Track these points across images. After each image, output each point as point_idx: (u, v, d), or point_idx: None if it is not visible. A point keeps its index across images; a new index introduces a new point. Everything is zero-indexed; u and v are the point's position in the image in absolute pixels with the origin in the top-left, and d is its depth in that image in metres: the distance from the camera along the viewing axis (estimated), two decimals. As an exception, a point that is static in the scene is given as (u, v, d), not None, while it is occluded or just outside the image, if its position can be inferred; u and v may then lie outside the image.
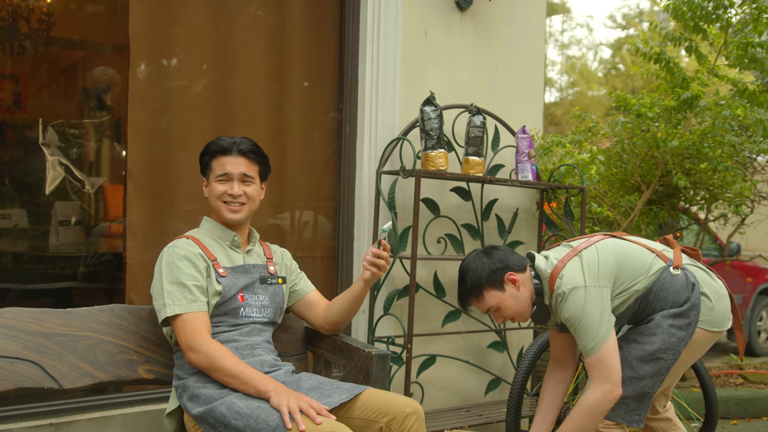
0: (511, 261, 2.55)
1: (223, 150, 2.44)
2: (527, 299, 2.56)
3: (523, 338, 4.15)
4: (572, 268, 2.48)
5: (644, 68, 5.09)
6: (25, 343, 2.20)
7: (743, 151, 4.89)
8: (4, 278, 3.55)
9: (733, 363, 6.42)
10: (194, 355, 2.21)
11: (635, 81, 17.08)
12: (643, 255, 2.57)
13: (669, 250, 2.64)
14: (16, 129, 4.18)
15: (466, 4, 3.86)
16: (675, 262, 2.56)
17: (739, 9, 4.63)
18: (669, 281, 2.53)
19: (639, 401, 2.53)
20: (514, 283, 2.53)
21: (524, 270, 2.57)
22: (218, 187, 2.44)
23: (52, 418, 2.75)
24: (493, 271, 2.52)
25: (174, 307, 2.24)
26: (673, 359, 2.52)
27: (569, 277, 2.46)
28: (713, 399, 3.71)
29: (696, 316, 2.51)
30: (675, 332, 2.50)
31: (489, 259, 2.55)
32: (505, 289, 2.53)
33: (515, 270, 2.54)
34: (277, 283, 2.50)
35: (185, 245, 2.35)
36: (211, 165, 2.46)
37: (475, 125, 3.58)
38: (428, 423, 3.32)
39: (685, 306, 2.51)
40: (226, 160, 2.44)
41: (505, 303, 2.53)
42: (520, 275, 2.54)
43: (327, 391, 2.26)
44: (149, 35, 3.12)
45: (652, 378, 2.51)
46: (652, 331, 2.52)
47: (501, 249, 2.61)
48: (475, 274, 2.53)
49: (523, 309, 2.56)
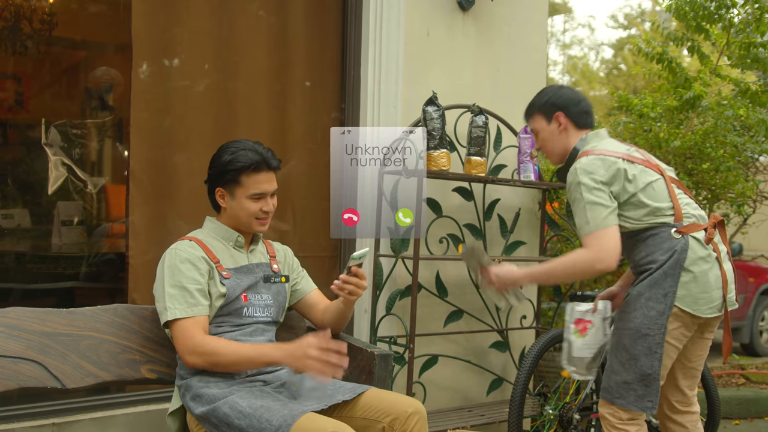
0: (572, 111, 2.69)
1: (256, 166, 2.33)
2: (561, 147, 2.72)
3: (525, 338, 4.15)
4: (597, 158, 2.54)
5: (646, 68, 5.10)
6: (28, 343, 2.20)
7: (745, 151, 4.89)
8: (7, 278, 3.55)
9: (735, 363, 6.42)
10: (192, 358, 2.21)
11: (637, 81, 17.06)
12: (666, 204, 2.55)
13: (694, 217, 2.57)
14: (18, 129, 4.19)
15: (468, 4, 3.86)
16: (684, 228, 2.52)
17: (742, 9, 4.63)
18: (664, 237, 2.52)
19: (646, 385, 2.50)
20: (560, 125, 2.70)
21: (579, 128, 2.70)
22: (252, 205, 2.36)
23: (55, 417, 2.75)
24: (551, 104, 2.71)
25: (175, 311, 2.23)
26: (660, 334, 2.47)
27: (589, 161, 2.53)
28: (715, 399, 3.71)
29: (672, 288, 2.47)
30: (653, 305, 2.48)
31: (560, 94, 2.73)
32: (551, 123, 2.71)
33: (571, 119, 2.69)
34: (280, 282, 2.50)
35: (188, 248, 2.33)
36: (241, 181, 2.34)
37: (478, 125, 3.58)
38: (430, 423, 3.32)
39: (657, 273, 2.48)
40: (261, 178, 2.35)
41: (543, 134, 2.75)
42: (569, 124, 2.69)
43: (329, 391, 2.26)
44: (152, 35, 3.12)
45: (648, 357, 2.49)
46: (632, 306, 2.53)
47: (582, 104, 2.72)
48: (540, 97, 2.76)
49: (554, 151, 2.75)
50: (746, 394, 5.03)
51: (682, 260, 2.48)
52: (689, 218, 2.56)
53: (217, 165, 2.38)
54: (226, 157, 2.35)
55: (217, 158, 2.39)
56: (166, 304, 2.24)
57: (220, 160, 2.37)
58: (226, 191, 2.39)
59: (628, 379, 2.52)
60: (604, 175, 2.51)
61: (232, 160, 2.33)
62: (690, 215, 2.57)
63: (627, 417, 2.56)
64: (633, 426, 2.57)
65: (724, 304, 2.54)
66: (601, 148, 2.59)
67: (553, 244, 4.72)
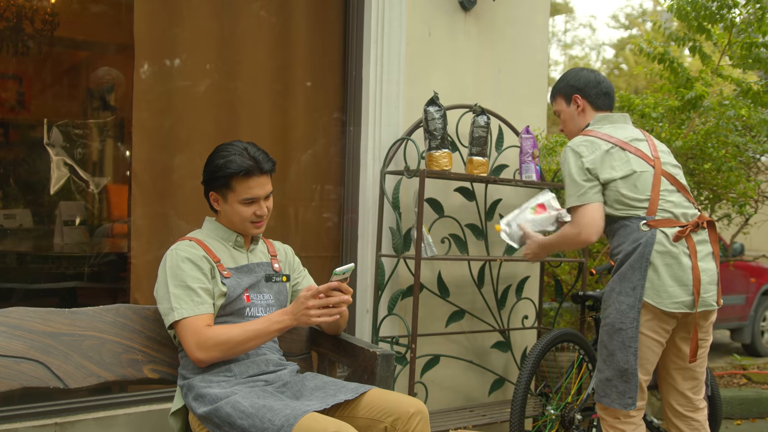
0: (591, 93, 2.80)
1: (246, 172, 2.31)
2: (578, 128, 2.83)
3: (526, 338, 4.15)
4: (587, 139, 2.67)
5: (648, 68, 5.09)
6: (31, 343, 2.21)
7: (747, 152, 4.89)
8: (10, 278, 3.56)
9: (736, 363, 6.42)
10: (201, 354, 2.20)
11: (638, 81, 17.06)
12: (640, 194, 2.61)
13: (670, 214, 2.60)
14: (20, 129, 4.19)
15: (470, 4, 3.86)
16: (654, 222, 2.57)
17: (743, 9, 4.62)
18: (633, 229, 2.58)
19: (625, 381, 2.55)
20: (578, 106, 2.82)
21: (596, 109, 2.81)
22: (244, 210, 2.35)
23: (57, 417, 2.75)
24: (570, 86, 2.83)
25: (182, 311, 2.23)
26: (633, 327, 2.52)
27: (579, 141, 2.68)
28: (717, 399, 3.71)
29: (641, 282, 2.52)
30: (623, 299, 2.55)
31: (579, 76, 2.83)
32: (570, 105, 2.84)
33: (588, 101, 2.80)
34: (281, 281, 2.50)
35: (188, 248, 2.34)
36: (232, 186, 2.33)
37: (479, 125, 3.58)
38: (432, 423, 3.32)
39: (624, 267, 2.56)
40: (253, 183, 2.33)
41: (563, 116, 2.88)
42: (587, 105, 2.81)
43: (332, 391, 2.26)
44: (153, 36, 3.12)
45: (622, 352, 2.54)
46: (607, 303, 2.63)
47: (601, 85, 2.81)
48: (561, 80, 2.89)
49: (572, 131, 2.86)
50: (748, 394, 5.03)
51: (647, 253, 2.53)
52: (665, 213, 2.59)
53: (210, 169, 2.37)
54: (218, 162, 2.34)
55: (210, 162, 2.38)
56: (172, 304, 2.24)
57: (212, 165, 2.36)
58: (219, 195, 2.39)
59: (609, 376, 2.59)
60: (588, 156, 2.62)
61: (222, 166, 2.32)
62: (667, 211, 2.60)
63: (623, 413, 2.60)
64: (629, 425, 2.60)
65: (695, 303, 2.54)
66: (597, 131, 2.70)
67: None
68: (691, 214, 2.65)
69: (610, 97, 2.83)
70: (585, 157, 2.62)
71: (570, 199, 2.64)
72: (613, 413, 2.61)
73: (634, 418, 2.60)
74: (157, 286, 2.33)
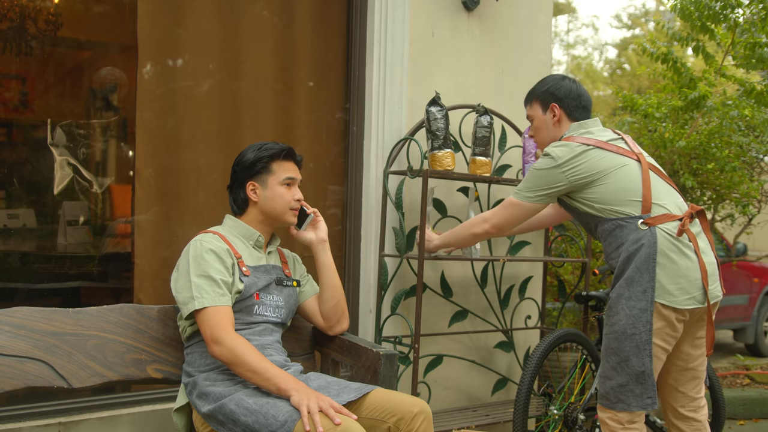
0: (569, 104, 2.73)
1: (286, 154, 2.48)
2: (551, 137, 2.77)
3: (530, 338, 4.15)
4: (565, 145, 2.62)
5: (651, 68, 5.09)
6: (35, 343, 2.21)
7: (750, 152, 4.89)
8: (13, 278, 3.56)
9: (740, 363, 6.41)
10: (218, 348, 2.19)
11: (641, 81, 17.05)
12: (634, 192, 2.54)
13: (664, 208, 2.54)
14: (23, 129, 4.20)
15: (473, 4, 3.86)
16: (651, 220, 2.49)
17: (747, 9, 4.62)
18: (631, 230, 2.50)
19: (641, 383, 2.48)
20: (554, 116, 2.75)
21: (572, 120, 2.73)
22: (286, 192, 2.47)
23: (61, 417, 2.76)
24: (550, 94, 2.76)
25: (203, 300, 2.22)
26: (646, 331, 2.45)
27: (556, 146, 2.63)
28: (720, 399, 3.71)
29: (651, 284, 2.45)
30: (634, 304, 2.46)
31: (560, 85, 2.76)
32: (546, 113, 2.77)
33: (566, 112, 2.74)
34: (291, 286, 2.52)
35: (213, 240, 2.35)
36: (272, 169, 2.46)
37: (483, 125, 3.58)
38: (435, 423, 3.32)
39: (630, 270, 2.48)
40: (290, 166, 2.49)
41: (536, 122, 2.81)
42: (564, 117, 2.74)
43: (335, 391, 2.26)
44: (157, 36, 3.12)
45: (637, 356, 2.46)
46: (614, 309, 2.52)
47: (581, 98, 2.76)
48: (541, 84, 2.81)
49: (543, 140, 2.80)
50: (751, 394, 5.03)
51: (653, 254, 2.46)
52: (660, 209, 2.53)
53: (246, 159, 2.47)
54: (254, 151, 2.46)
55: (244, 155, 2.48)
56: (193, 293, 2.23)
57: (247, 155, 2.47)
58: (257, 183, 2.46)
59: (623, 382, 2.50)
60: (561, 157, 2.58)
61: (262, 152, 2.45)
62: (661, 206, 2.54)
63: (627, 419, 2.53)
64: (633, 430, 2.55)
65: (706, 296, 2.51)
66: (575, 137, 2.66)
67: (557, 245, 4.72)
68: (680, 204, 2.61)
69: (587, 111, 2.76)
70: (558, 157, 2.58)
71: (517, 193, 2.70)
72: (617, 418, 2.56)
73: (637, 423, 2.57)
74: (177, 275, 2.32)
